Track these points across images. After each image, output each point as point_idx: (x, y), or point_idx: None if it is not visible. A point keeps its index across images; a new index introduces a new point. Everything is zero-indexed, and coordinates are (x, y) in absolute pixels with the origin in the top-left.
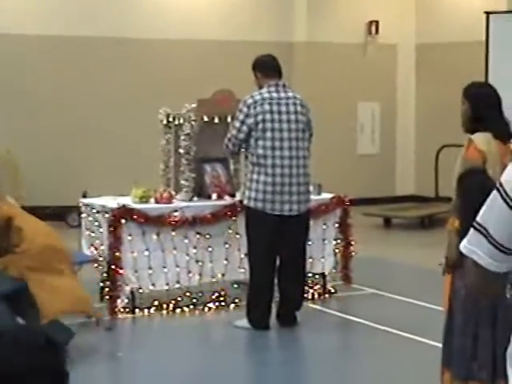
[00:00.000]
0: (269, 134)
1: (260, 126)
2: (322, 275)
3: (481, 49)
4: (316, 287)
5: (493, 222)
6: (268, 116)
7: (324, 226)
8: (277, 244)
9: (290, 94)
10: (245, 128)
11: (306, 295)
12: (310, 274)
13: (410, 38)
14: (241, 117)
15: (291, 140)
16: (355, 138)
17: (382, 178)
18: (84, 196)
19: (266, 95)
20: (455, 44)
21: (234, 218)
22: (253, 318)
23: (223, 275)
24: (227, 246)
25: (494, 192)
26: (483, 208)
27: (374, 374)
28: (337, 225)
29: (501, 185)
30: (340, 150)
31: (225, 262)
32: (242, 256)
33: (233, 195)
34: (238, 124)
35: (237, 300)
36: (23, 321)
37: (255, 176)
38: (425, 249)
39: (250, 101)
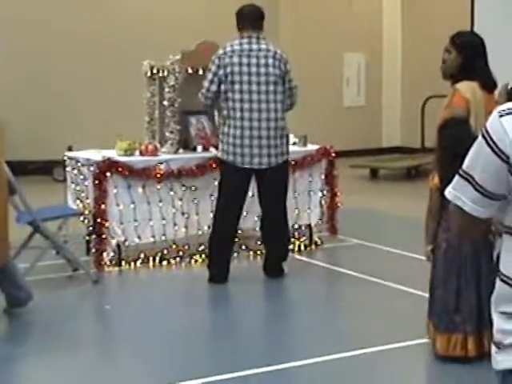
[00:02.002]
0: (237, 87)
1: (229, 78)
2: (309, 226)
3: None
4: (302, 239)
5: (479, 168)
6: (236, 68)
7: (310, 178)
8: (259, 198)
9: (263, 46)
10: (216, 79)
11: (291, 247)
12: (296, 226)
13: None
14: (213, 68)
15: (260, 93)
16: (341, 90)
17: (369, 130)
18: (69, 150)
19: (237, 47)
20: None
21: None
22: (211, 271)
23: (209, 227)
24: (213, 198)
25: (480, 139)
26: (469, 155)
27: (361, 325)
28: (323, 176)
29: (487, 132)
30: (326, 101)
31: (211, 214)
32: None
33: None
34: (210, 76)
35: None
36: None
37: (226, 129)
38: (411, 199)
39: (220, 52)
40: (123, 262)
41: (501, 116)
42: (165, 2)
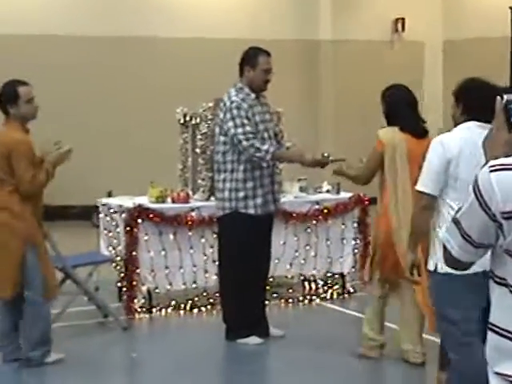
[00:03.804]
0: None
1: None
2: (341, 275)
3: (508, 44)
4: (335, 287)
5: (467, 218)
6: None
7: (343, 226)
8: None
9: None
10: None
11: (323, 295)
12: (329, 274)
13: (437, 35)
14: None
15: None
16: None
17: None
18: (109, 195)
19: None
20: (482, 39)
21: None
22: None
23: None
24: None
25: (471, 190)
26: (464, 204)
27: (393, 375)
28: (356, 224)
29: (477, 185)
30: (363, 147)
31: None
32: None
33: None
34: None
35: None
36: None
37: None
38: None
39: None
40: (154, 309)
41: (491, 171)
42: (200, 49)
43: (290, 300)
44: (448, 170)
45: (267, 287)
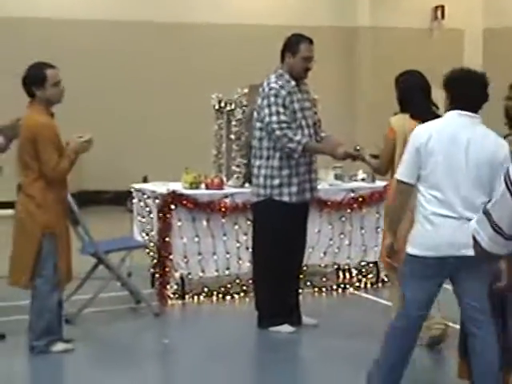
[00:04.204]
0: None
1: None
2: (375, 264)
3: None
4: (369, 276)
5: (498, 209)
6: None
7: (377, 215)
8: None
9: None
10: None
11: (357, 284)
12: (363, 263)
13: (477, 23)
14: None
15: None
16: None
17: None
18: (144, 181)
19: None
20: None
21: None
22: None
23: None
24: None
25: (502, 180)
26: (494, 196)
27: (426, 363)
28: None
29: (509, 176)
30: None
31: None
32: None
33: None
34: None
35: None
36: None
37: None
38: None
39: None
40: (186, 296)
41: None
42: (237, 36)
43: (324, 289)
44: (419, 157)
45: (301, 275)
